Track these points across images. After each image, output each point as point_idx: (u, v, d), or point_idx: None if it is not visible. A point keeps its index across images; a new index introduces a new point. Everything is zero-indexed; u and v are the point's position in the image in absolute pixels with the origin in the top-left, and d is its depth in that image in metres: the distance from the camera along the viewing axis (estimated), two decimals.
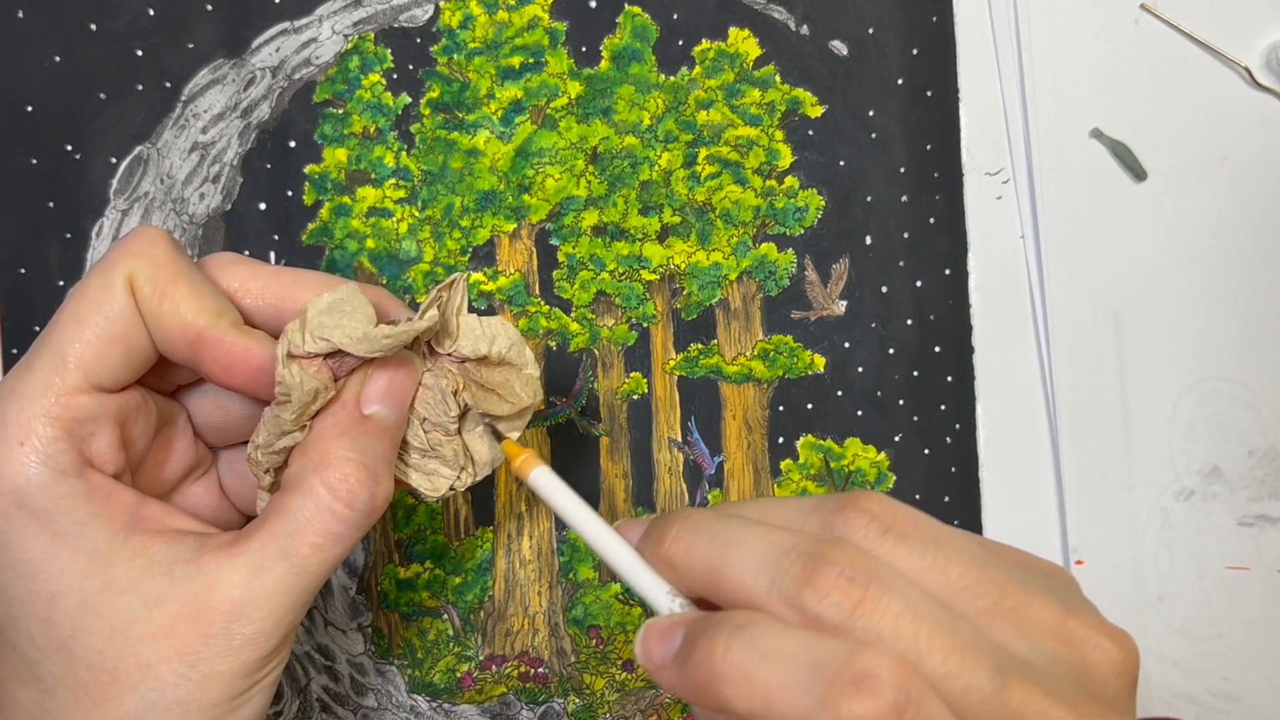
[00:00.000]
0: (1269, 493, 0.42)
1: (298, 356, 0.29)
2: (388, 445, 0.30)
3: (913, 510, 0.26)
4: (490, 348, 0.31)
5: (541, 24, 0.42)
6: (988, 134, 0.42)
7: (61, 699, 0.28)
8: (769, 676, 0.23)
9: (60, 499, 0.28)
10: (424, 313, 0.30)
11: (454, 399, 0.32)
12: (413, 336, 0.30)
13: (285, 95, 0.41)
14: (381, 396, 0.30)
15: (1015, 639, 0.24)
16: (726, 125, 0.42)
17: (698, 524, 0.27)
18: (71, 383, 0.28)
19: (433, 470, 0.32)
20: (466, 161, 0.42)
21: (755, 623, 0.24)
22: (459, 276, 0.31)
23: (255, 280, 0.31)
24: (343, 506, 0.29)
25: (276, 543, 0.28)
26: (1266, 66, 0.42)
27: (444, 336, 0.32)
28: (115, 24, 0.41)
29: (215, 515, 0.34)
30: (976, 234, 0.42)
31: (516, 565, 0.42)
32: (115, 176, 0.41)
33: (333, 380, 0.30)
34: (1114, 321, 0.42)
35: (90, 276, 0.29)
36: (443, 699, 0.42)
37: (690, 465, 0.42)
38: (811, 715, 0.22)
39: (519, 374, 0.32)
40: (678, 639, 0.25)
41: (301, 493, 0.29)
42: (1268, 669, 0.42)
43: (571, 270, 0.42)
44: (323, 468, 0.29)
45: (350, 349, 0.29)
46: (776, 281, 0.42)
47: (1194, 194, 0.42)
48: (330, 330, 0.29)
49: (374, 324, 0.29)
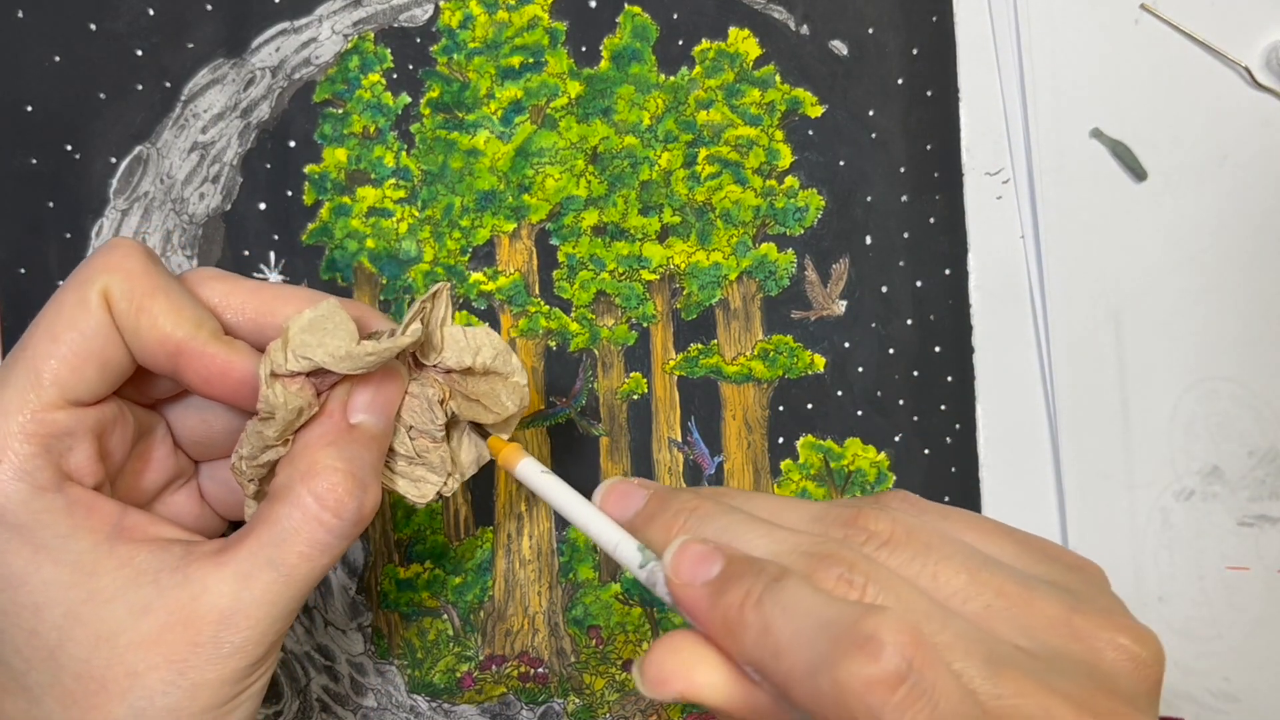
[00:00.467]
0: (1269, 493, 0.42)
1: (281, 375, 0.29)
2: (375, 454, 0.30)
3: (912, 517, 0.26)
4: (475, 359, 0.31)
5: (541, 24, 0.42)
6: (988, 134, 0.42)
7: (49, 708, 0.28)
8: (784, 629, 0.23)
9: (40, 514, 0.28)
10: (406, 327, 0.30)
11: (440, 408, 0.32)
12: (396, 352, 0.29)
13: (285, 95, 0.41)
14: (368, 406, 0.30)
15: (1014, 635, 0.24)
16: (726, 125, 0.42)
17: (705, 516, 0.27)
18: (47, 399, 0.28)
19: (420, 477, 0.32)
20: (466, 161, 0.42)
21: (788, 578, 0.24)
22: (442, 287, 0.31)
23: (235, 295, 0.31)
24: (330, 516, 0.29)
25: (264, 552, 0.28)
26: (1266, 66, 0.42)
27: (428, 349, 0.31)
28: (115, 24, 0.41)
29: (197, 522, 0.34)
30: (976, 234, 0.42)
31: (516, 565, 0.42)
32: (115, 176, 0.41)
33: (316, 396, 0.30)
34: (1114, 321, 0.42)
35: (65, 291, 0.29)
36: (442, 699, 0.42)
37: (690, 465, 0.42)
38: (814, 671, 0.23)
39: (505, 382, 0.32)
40: (715, 568, 0.25)
41: (289, 502, 0.29)
42: (1268, 669, 0.42)
43: (571, 270, 0.42)
44: (310, 477, 0.29)
45: (333, 367, 0.29)
46: (776, 281, 0.42)
47: (1194, 194, 0.42)
48: (313, 349, 0.29)
49: (356, 340, 0.29)
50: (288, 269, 0.41)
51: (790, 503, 0.28)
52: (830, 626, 0.23)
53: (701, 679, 0.25)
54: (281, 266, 0.41)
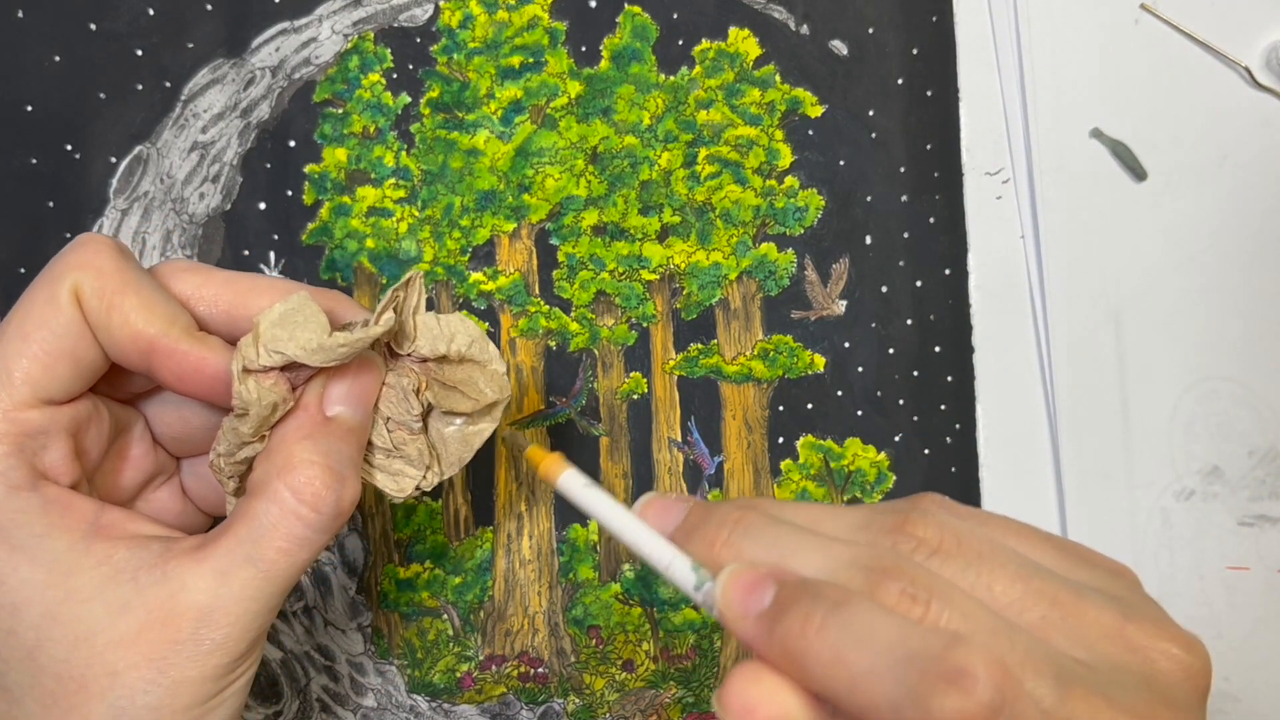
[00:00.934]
0: (1269, 493, 0.42)
1: (253, 371, 0.29)
2: (353, 447, 0.30)
3: (956, 523, 0.26)
4: (449, 346, 0.31)
5: (541, 24, 0.42)
6: (988, 134, 0.42)
7: (30, 709, 0.28)
8: (860, 660, 0.22)
9: (15, 514, 0.28)
10: (379, 316, 0.29)
11: (416, 397, 0.31)
12: (369, 343, 0.29)
13: (285, 95, 0.41)
14: (344, 398, 0.30)
15: (1073, 647, 0.24)
16: (726, 125, 0.42)
17: (749, 528, 0.26)
18: (19, 398, 0.28)
19: (398, 470, 0.32)
20: (466, 161, 0.42)
21: (852, 602, 0.23)
22: (415, 275, 0.31)
23: (208, 287, 0.31)
24: (308, 510, 0.28)
25: (242, 548, 0.28)
26: (1266, 66, 0.42)
27: (402, 338, 0.31)
28: (115, 24, 0.41)
29: (180, 519, 0.34)
30: (976, 234, 0.42)
31: (516, 565, 0.42)
32: (115, 176, 0.41)
33: (291, 390, 0.30)
34: (1114, 321, 0.42)
35: (35, 289, 0.29)
36: (442, 699, 0.42)
37: (690, 465, 0.42)
38: (899, 706, 0.22)
39: (483, 370, 0.31)
40: (767, 596, 0.25)
41: (266, 497, 0.28)
42: (1268, 669, 0.42)
43: (571, 270, 0.42)
44: (286, 471, 0.29)
45: (305, 360, 0.28)
46: (776, 281, 0.42)
47: (1194, 194, 0.42)
48: (284, 343, 0.28)
49: (328, 332, 0.29)
50: (288, 269, 0.41)
51: (830, 510, 0.27)
52: (915, 659, 0.22)
53: (786, 706, 0.24)
54: (281, 266, 0.41)
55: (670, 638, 0.42)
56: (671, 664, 0.42)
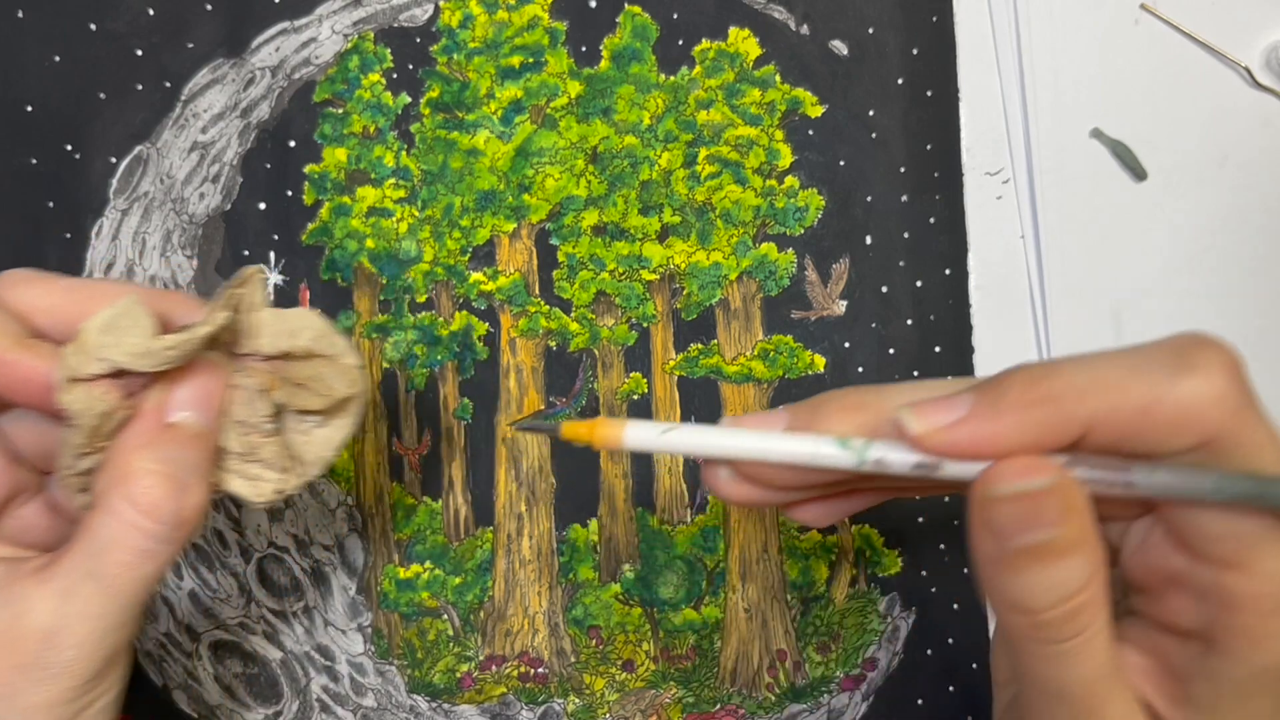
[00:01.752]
0: None
1: (83, 380, 0.28)
2: (196, 453, 0.29)
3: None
4: (292, 342, 0.30)
5: (541, 23, 0.42)
6: (988, 134, 0.42)
7: None
8: (1105, 373, 0.23)
9: None
10: (210, 314, 0.28)
11: (263, 398, 0.30)
12: (199, 342, 0.28)
13: (285, 95, 0.41)
14: (185, 402, 0.29)
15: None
16: (726, 125, 0.42)
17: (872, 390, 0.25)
18: None
19: (255, 475, 0.31)
20: (466, 161, 0.42)
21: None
22: (253, 272, 0.29)
23: (49, 297, 0.30)
24: (147, 520, 0.27)
25: (84, 564, 0.27)
26: (1266, 66, 0.42)
27: (244, 337, 0.30)
28: (115, 24, 0.41)
29: (50, 536, 0.32)
30: (976, 234, 0.42)
31: (516, 565, 0.42)
32: (115, 176, 0.41)
33: (126, 397, 0.29)
34: (1114, 322, 0.42)
35: None
36: (442, 699, 0.42)
37: (690, 465, 0.42)
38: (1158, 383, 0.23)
39: (333, 365, 0.30)
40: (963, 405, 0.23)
41: (104, 510, 0.28)
42: None
43: (571, 270, 0.42)
44: (123, 482, 0.28)
45: (134, 366, 0.27)
46: (776, 281, 0.42)
47: (1194, 194, 0.42)
48: (109, 349, 0.27)
49: (155, 335, 0.28)
50: (288, 269, 0.41)
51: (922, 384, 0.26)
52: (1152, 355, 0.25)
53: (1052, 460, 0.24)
54: (281, 266, 0.41)
55: (670, 638, 0.42)
56: (671, 664, 0.42)
